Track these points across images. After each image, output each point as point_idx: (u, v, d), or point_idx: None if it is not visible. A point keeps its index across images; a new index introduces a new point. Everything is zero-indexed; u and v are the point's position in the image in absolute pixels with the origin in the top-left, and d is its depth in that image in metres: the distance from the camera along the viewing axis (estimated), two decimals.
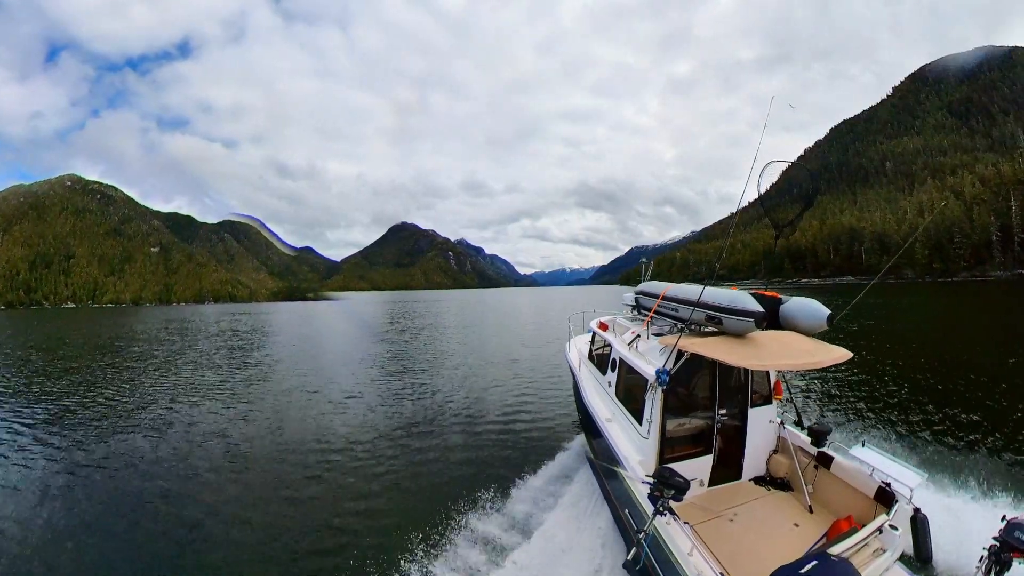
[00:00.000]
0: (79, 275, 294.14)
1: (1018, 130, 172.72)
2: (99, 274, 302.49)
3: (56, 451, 10.80)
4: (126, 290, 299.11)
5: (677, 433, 5.58)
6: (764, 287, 6.59)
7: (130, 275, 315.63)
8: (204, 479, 9.19)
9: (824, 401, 12.91)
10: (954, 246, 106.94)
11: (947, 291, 65.77)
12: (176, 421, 13.08)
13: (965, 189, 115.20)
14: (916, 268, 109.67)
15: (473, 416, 12.89)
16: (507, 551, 6.15)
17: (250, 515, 7.72)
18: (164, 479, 9.16)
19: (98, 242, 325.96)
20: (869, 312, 34.06)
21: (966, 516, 5.83)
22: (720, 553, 4.36)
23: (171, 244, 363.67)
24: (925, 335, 24.19)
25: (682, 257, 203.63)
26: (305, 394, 15.99)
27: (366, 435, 11.47)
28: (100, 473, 9.50)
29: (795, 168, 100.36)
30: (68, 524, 7.45)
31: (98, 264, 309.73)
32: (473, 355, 24.34)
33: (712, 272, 6.66)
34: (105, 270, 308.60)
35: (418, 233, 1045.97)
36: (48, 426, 12.80)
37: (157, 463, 9.98)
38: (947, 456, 8.65)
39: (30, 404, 15.25)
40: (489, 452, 10.17)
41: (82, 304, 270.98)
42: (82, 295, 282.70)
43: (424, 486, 8.67)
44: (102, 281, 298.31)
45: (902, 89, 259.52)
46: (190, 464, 9.90)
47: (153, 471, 9.56)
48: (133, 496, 8.46)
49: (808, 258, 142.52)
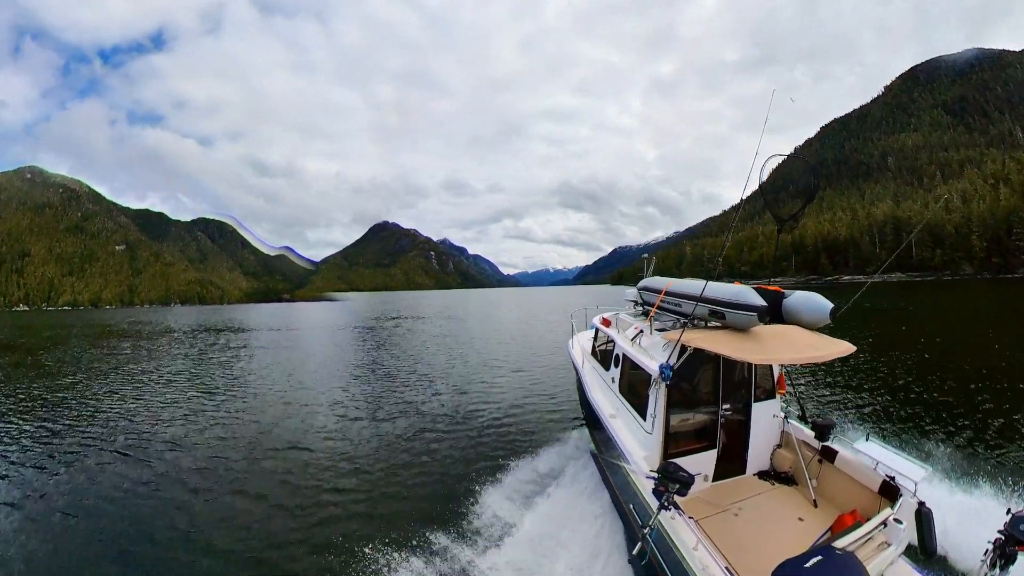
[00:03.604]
0: (34, 275, 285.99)
1: (1016, 127, 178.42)
2: (56, 274, 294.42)
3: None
4: (85, 291, 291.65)
5: (681, 428, 5.71)
6: (767, 282, 6.77)
7: (90, 275, 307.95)
8: (189, 481, 9.03)
9: (828, 395, 13.18)
10: (1013, 239, 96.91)
11: (1000, 289, 60.11)
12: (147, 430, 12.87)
13: (1011, 176, 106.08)
14: (973, 263, 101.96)
15: (475, 413, 12.98)
16: (510, 546, 6.27)
17: (246, 517, 7.66)
18: (136, 492, 8.97)
19: (57, 239, 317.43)
20: (891, 309, 34.01)
21: (971, 510, 6.01)
22: (725, 547, 4.47)
23: (138, 242, 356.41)
24: (937, 331, 24.61)
25: (692, 252, 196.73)
26: (295, 396, 15.81)
27: (366, 435, 11.51)
28: (63, 482, 9.29)
29: (795, 163, 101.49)
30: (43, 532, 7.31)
31: (56, 263, 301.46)
32: (471, 353, 24.39)
33: (715, 267, 6.83)
34: (63, 269, 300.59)
35: (399, 232, 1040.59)
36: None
37: (125, 476, 9.75)
38: (952, 450, 8.88)
39: None
40: (492, 448, 10.29)
41: (36, 306, 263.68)
42: (36, 297, 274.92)
43: (426, 482, 8.76)
44: (59, 281, 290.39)
45: (894, 88, 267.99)
46: (168, 471, 9.71)
47: (118, 483, 9.35)
48: (105, 502, 8.30)
49: (850, 252, 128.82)
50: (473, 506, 7.33)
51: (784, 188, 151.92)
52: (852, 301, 5.83)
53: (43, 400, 16.27)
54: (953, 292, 55.94)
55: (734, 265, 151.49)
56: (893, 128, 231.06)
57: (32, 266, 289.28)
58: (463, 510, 7.26)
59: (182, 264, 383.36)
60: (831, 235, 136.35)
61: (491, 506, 7.32)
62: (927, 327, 26.73)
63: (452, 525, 6.86)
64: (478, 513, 7.14)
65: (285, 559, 6.52)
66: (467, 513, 7.17)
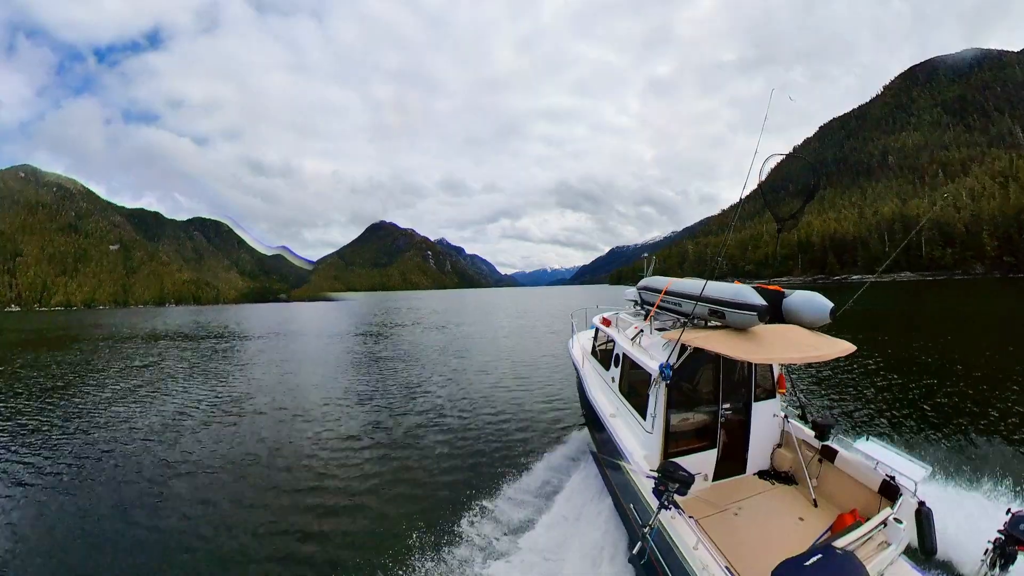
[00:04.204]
0: (26, 275, 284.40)
1: (1016, 127, 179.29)
2: (49, 274, 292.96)
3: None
4: (78, 291, 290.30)
5: (681, 428, 5.75)
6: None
7: (84, 275, 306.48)
8: (184, 484, 9.04)
9: (828, 395, 13.23)
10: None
11: (1011, 288, 59.04)
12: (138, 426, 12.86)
13: (1021, 174, 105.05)
14: (985, 262, 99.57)
15: (475, 413, 13.02)
16: (511, 546, 6.31)
17: (244, 520, 7.66)
18: (134, 491, 8.99)
19: (50, 239, 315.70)
20: (889, 309, 33.97)
21: (971, 509, 6.05)
22: (725, 547, 4.50)
23: (133, 242, 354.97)
24: (937, 330, 24.69)
25: (695, 251, 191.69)
26: (295, 399, 15.80)
27: (366, 435, 11.55)
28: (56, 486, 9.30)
29: (795, 161, 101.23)
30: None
31: (49, 263, 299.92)
32: (470, 353, 24.42)
33: (715, 266, 6.87)
34: (56, 269, 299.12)
35: (396, 232, 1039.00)
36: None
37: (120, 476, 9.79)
38: (952, 449, 8.96)
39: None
40: (492, 448, 10.33)
41: (28, 307, 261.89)
42: (29, 297, 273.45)
43: (427, 482, 8.80)
44: (51, 282, 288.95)
45: (893, 87, 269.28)
46: (165, 470, 9.74)
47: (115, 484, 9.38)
48: (102, 504, 8.32)
49: (859, 250, 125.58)
50: (475, 509, 7.33)
51: (784, 187, 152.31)
52: (852, 300, 5.86)
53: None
54: (962, 292, 55.64)
55: (738, 264, 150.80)
56: (893, 127, 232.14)
57: (24, 266, 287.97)
58: (465, 512, 7.26)
59: (177, 264, 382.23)
60: (838, 233, 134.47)
61: (493, 509, 7.34)
62: (929, 327, 26.83)
63: (453, 527, 6.86)
64: (480, 516, 7.14)
65: (285, 562, 6.53)
66: (469, 515, 7.17)
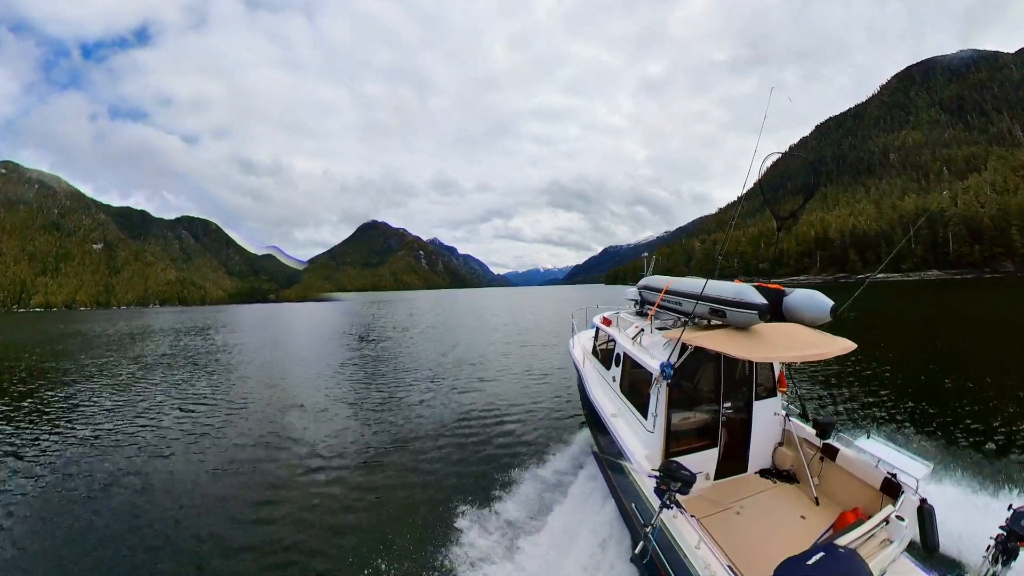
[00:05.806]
0: (4, 275, 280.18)
1: (1015, 126, 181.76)
2: (29, 273, 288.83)
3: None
4: (59, 291, 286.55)
5: (682, 427, 5.81)
6: (766, 279, 6.86)
7: (65, 275, 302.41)
8: (178, 488, 9.01)
9: (829, 393, 13.36)
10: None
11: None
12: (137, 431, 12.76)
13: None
14: (1015, 259, 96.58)
15: (476, 414, 13.03)
16: (513, 545, 6.36)
17: (242, 523, 7.65)
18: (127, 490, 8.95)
19: (30, 237, 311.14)
20: (886, 306, 33.98)
21: (973, 506, 6.18)
22: (727, 546, 4.55)
23: (117, 241, 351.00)
24: (939, 329, 24.91)
25: (702, 249, 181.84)
26: (293, 402, 15.66)
27: (367, 435, 11.59)
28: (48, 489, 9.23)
29: (792, 159, 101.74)
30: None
31: (28, 262, 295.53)
32: (469, 353, 24.42)
33: (716, 264, 6.92)
34: (36, 269, 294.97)
35: (388, 232, 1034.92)
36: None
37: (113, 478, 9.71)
38: (954, 446, 9.08)
39: None
40: (493, 448, 10.37)
41: (6, 308, 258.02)
42: (7, 298, 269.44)
43: (429, 483, 8.83)
44: (31, 282, 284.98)
45: (890, 87, 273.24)
46: (156, 474, 9.68)
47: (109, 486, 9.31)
48: (94, 510, 8.25)
49: (883, 247, 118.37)
50: (476, 509, 7.37)
51: (783, 185, 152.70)
52: (852, 299, 5.93)
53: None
54: (986, 291, 55.07)
55: (750, 263, 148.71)
56: (892, 126, 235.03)
57: (3, 265, 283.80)
58: (466, 513, 7.30)
59: (163, 264, 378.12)
60: (858, 229, 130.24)
61: (494, 509, 7.38)
62: (931, 326, 27.09)
63: (454, 528, 6.90)
64: (481, 516, 7.18)
65: (285, 562, 6.56)
66: (470, 515, 7.21)
